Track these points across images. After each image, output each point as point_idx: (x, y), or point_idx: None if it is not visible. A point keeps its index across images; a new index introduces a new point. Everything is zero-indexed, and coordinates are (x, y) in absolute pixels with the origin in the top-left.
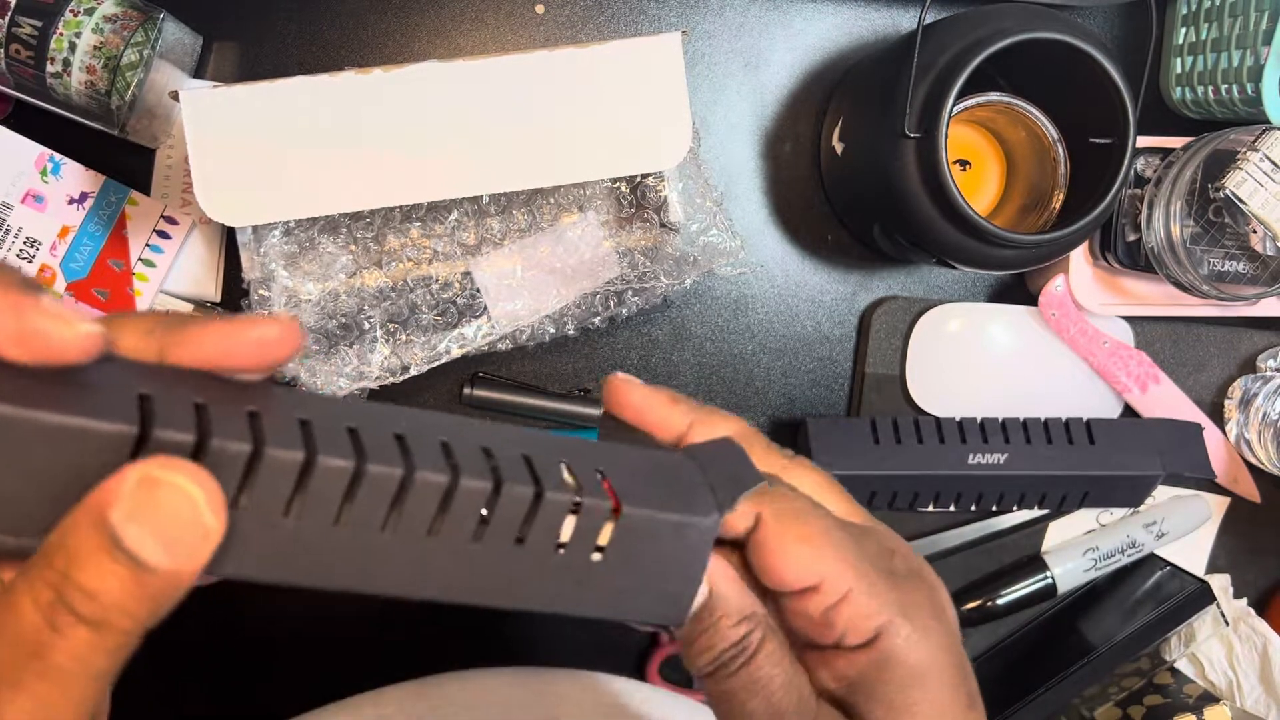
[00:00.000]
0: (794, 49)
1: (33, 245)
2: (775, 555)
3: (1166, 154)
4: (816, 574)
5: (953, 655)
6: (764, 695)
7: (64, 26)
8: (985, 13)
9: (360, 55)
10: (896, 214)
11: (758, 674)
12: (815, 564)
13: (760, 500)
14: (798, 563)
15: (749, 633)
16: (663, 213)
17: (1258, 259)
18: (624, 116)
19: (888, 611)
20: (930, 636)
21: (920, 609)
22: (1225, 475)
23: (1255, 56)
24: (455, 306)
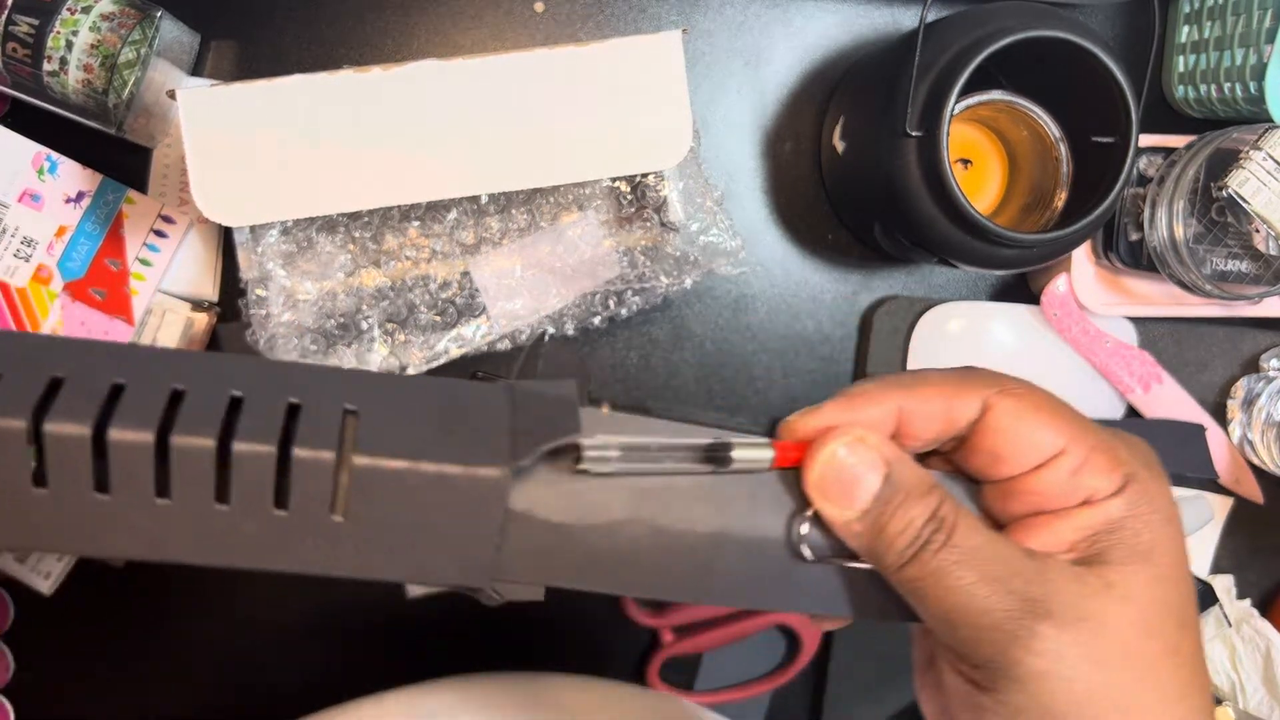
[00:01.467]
0: (794, 47)
1: (29, 244)
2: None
3: (1169, 153)
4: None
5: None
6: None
7: (61, 25)
8: (987, 11)
9: (359, 54)
10: (898, 213)
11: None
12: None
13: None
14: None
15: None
16: (663, 212)
17: (1261, 258)
18: (624, 115)
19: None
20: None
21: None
22: (1228, 476)
23: (1258, 55)
24: (454, 306)
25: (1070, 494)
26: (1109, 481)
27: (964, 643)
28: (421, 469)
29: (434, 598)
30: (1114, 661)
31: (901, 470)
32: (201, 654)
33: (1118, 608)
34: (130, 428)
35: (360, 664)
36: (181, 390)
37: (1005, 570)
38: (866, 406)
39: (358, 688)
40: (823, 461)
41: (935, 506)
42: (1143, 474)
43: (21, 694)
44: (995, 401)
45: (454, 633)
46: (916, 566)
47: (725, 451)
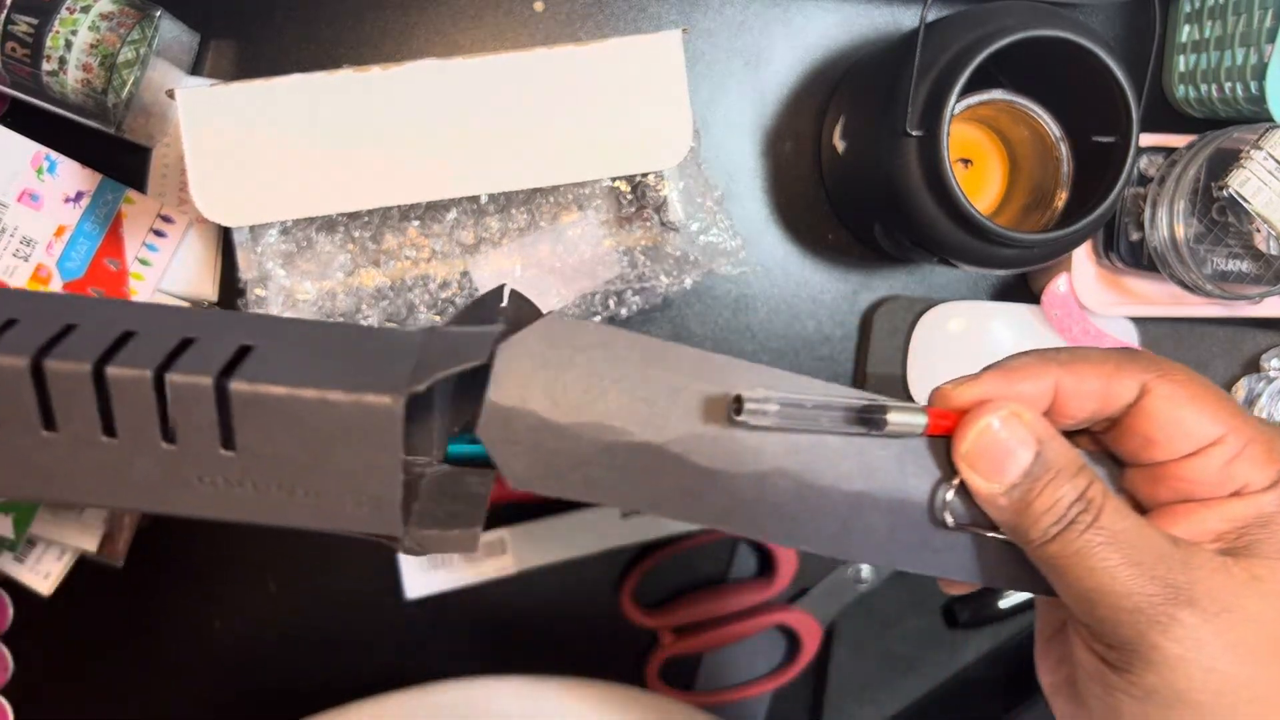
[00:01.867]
0: (795, 47)
1: (28, 244)
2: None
3: (1170, 153)
4: (1216, 431)
5: None
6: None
7: (60, 24)
8: (987, 10)
9: (358, 53)
10: (898, 213)
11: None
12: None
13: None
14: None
15: (1089, 485)
16: (663, 212)
17: (1261, 258)
18: (624, 115)
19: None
20: None
21: None
22: None
23: (1259, 54)
24: (454, 306)
25: (1222, 484)
26: (1264, 475)
27: (1102, 622)
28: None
29: (434, 598)
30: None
31: (1053, 448)
32: (201, 654)
33: (1263, 602)
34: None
35: (360, 666)
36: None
37: (1150, 555)
38: (1024, 380)
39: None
40: (975, 433)
41: (1084, 487)
42: None
43: (20, 694)
44: (1154, 385)
45: (453, 634)
46: (1060, 544)
47: (881, 414)
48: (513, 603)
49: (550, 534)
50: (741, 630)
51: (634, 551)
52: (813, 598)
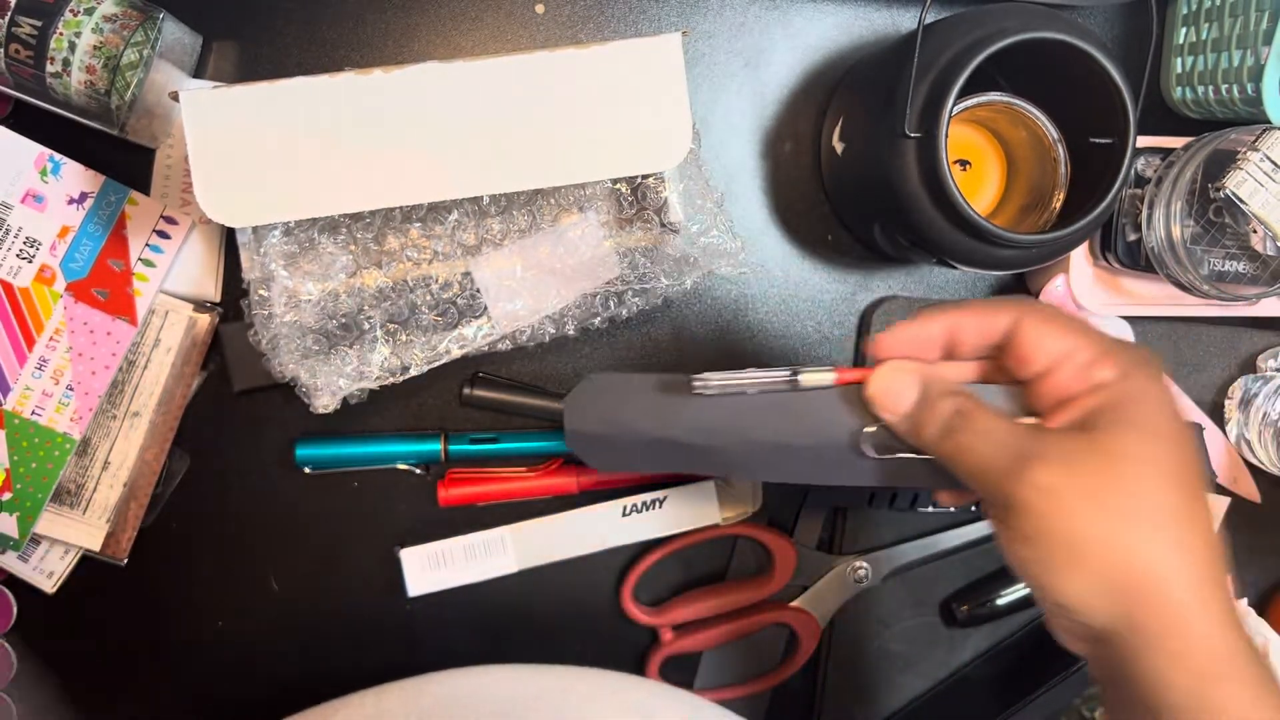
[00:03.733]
0: (794, 49)
1: (32, 245)
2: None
3: (1167, 154)
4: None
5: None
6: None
7: (64, 26)
8: (985, 13)
9: (360, 55)
10: (897, 214)
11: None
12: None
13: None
14: (1056, 339)
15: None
16: (663, 213)
17: (1258, 259)
18: (624, 117)
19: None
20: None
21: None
22: (1225, 475)
23: (1255, 56)
24: (455, 307)
25: (1082, 384)
26: (1110, 374)
27: (984, 490)
28: None
29: (436, 595)
30: (1095, 495)
31: (933, 384)
32: (204, 651)
33: (1099, 458)
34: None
35: (362, 663)
36: None
37: (1009, 437)
38: (928, 324)
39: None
40: (876, 381)
41: (959, 405)
42: (1140, 371)
43: (23, 692)
44: (1022, 318)
45: (455, 632)
46: (948, 443)
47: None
48: (514, 601)
49: (551, 533)
50: (741, 628)
51: (634, 550)
52: (811, 596)
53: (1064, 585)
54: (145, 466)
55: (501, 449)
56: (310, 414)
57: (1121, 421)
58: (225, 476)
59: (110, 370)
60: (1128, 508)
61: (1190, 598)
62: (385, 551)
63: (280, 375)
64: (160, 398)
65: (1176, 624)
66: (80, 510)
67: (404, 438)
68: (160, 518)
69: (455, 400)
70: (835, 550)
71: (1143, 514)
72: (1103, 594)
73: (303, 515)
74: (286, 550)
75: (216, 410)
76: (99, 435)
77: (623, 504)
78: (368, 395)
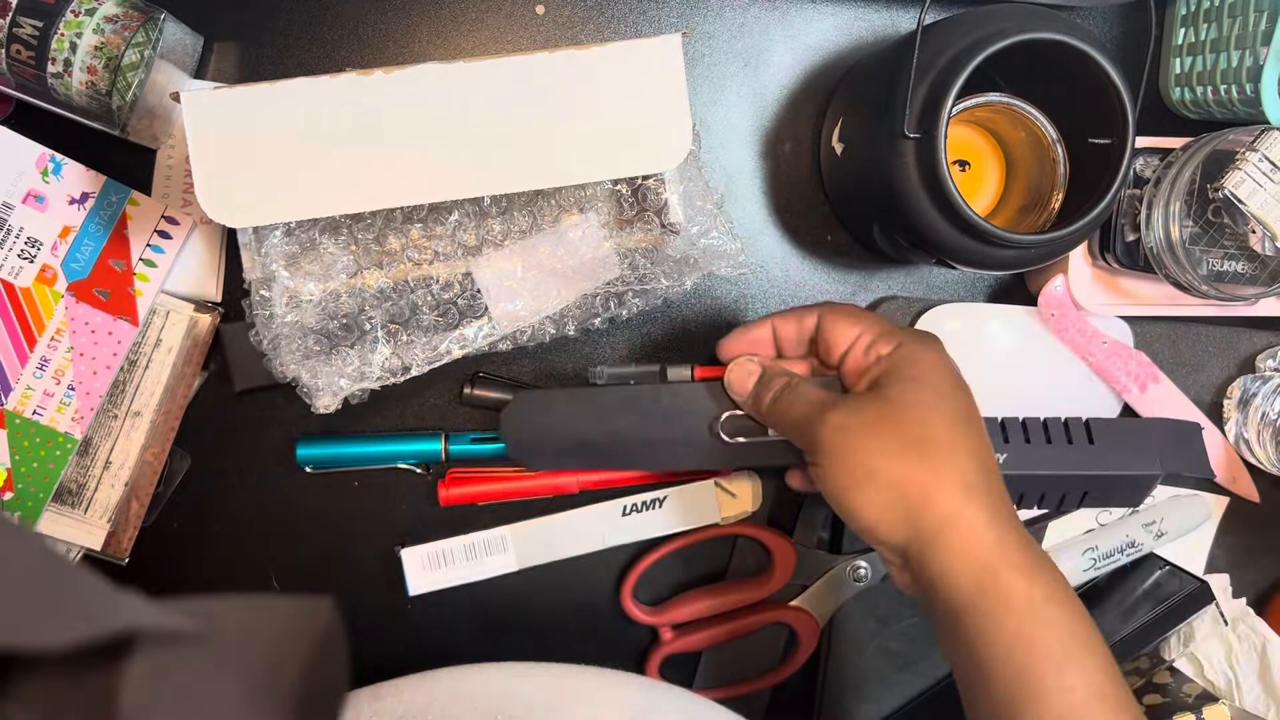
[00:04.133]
0: (794, 50)
1: (34, 245)
2: (830, 330)
3: (1165, 154)
4: (857, 330)
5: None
6: (801, 400)
7: (65, 27)
8: (984, 13)
9: (361, 56)
10: (896, 214)
11: (799, 392)
12: (856, 326)
13: (818, 309)
14: (845, 327)
15: (789, 380)
16: (663, 214)
17: (1256, 259)
18: (624, 118)
19: (903, 338)
20: (932, 345)
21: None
22: (1224, 475)
23: (1254, 57)
24: (456, 307)
25: (869, 359)
26: (888, 347)
27: (800, 438)
28: None
29: (436, 595)
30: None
31: (769, 368)
32: None
33: (880, 404)
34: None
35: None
36: None
37: (818, 397)
38: (756, 328)
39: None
40: (731, 369)
41: (786, 381)
42: (913, 342)
43: None
44: (823, 315)
45: (456, 631)
46: (777, 405)
47: (664, 372)
48: (515, 600)
49: (551, 532)
50: (740, 627)
51: (634, 550)
52: (811, 595)
53: (862, 504)
54: (146, 466)
55: (501, 448)
56: (311, 414)
57: (898, 378)
58: (226, 476)
59: (111, 370)
60: (901, 438)
61: (956, 502)
62: (386, 551)
63: (281, 375)
64: (161, 398)
65: (947, 523)
66: (81, 510)
67: (405, 437)
68: (161, 517)
69: (456, 400)
70: (835, 550)
71: (913, 442)
72: (891, 508)
73: (304, 515)
74: (287, 549)
75: (218, 410)
76: (100, 435)
77: (623, 504)
78: (369, 395)
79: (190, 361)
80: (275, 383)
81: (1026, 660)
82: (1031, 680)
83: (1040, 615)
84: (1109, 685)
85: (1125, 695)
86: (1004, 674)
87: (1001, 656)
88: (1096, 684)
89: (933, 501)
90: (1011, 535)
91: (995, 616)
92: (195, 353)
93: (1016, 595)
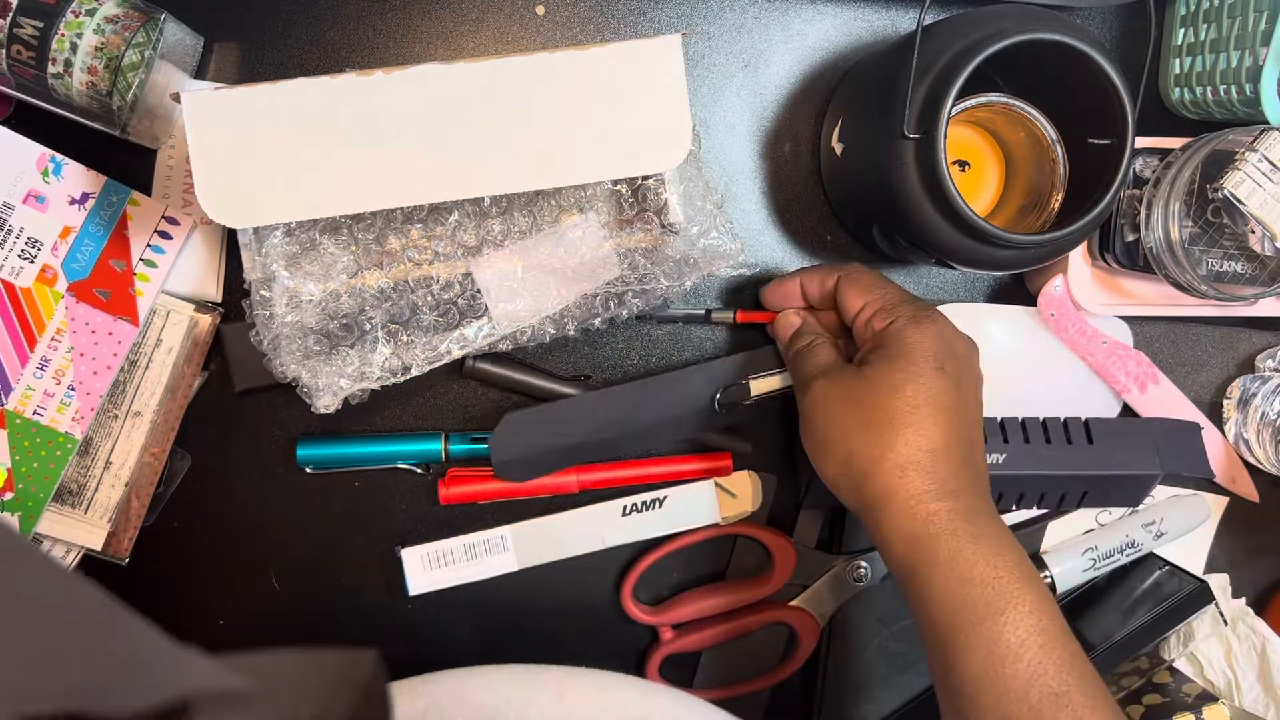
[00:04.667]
0: (793, 50)
1: (34, 245)
2: (844, 295)
3: (1165, 154)
4: (865, 299)
5: (939, 339)
6: (824, 352)
7: (65, 27)
8: (984, 14)
9: (361, 57)
10: (896, 214)
11: (811, 351)
12: (866, 294)
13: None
14: (855, 298)
15: (818, 335)
16: (663, 215)
17: (1256, 259)
18: (624, 118)
19: (899, 314)
20: (923, 326)
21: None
22: (1224, 475)
23: (1254, 57)
24: (456, 307)
25: (867, 331)
26: (881, 323)
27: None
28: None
29: (437, 594)
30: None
31: (806, 325)
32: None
33: (854, 379)
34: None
35: None
36: None
37: (822, 361)
38: (788, 282)
39: None
40: (778, 319)
41: (814, 338)
42: (906, 321)
43: None
44: (840, 278)
45: (456, 631)
46: (794, 360)
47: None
48: (515, 600)
49: (551, 532)
50: (740, 627)
51: (634, 549)
52: (811, 595)
53: (823, 470)
54: (146, 466)
55: None
56: (311, 414)
57: (881, 355)
58: (226, 476)
59: (112, 370)
60: (861, 415)
61: (892, 478)
62: (386, 551)
63: (281, 375)
64: (161, 398)
65: (884, 495)
66: (82, 510)
67: (405, 437)
68: (161, 517)
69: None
70: (834, 550)
71: (869, 421)
72: (843, 475)
73: (304, 515)
74: (288, 549)
75: (218, 410)
76: (100, 435)
77: (623, 504)
78: (368, 395)
79: (190, 361)
80: (275, 383)
81: (958, 616)
82: (957, 635)
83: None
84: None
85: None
86: (936, 634)
87: (937, 617)
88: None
89: (874, 475)
90: (948, 506)
91: (926, 576)
92: (195, 353)
93: (943, 559)
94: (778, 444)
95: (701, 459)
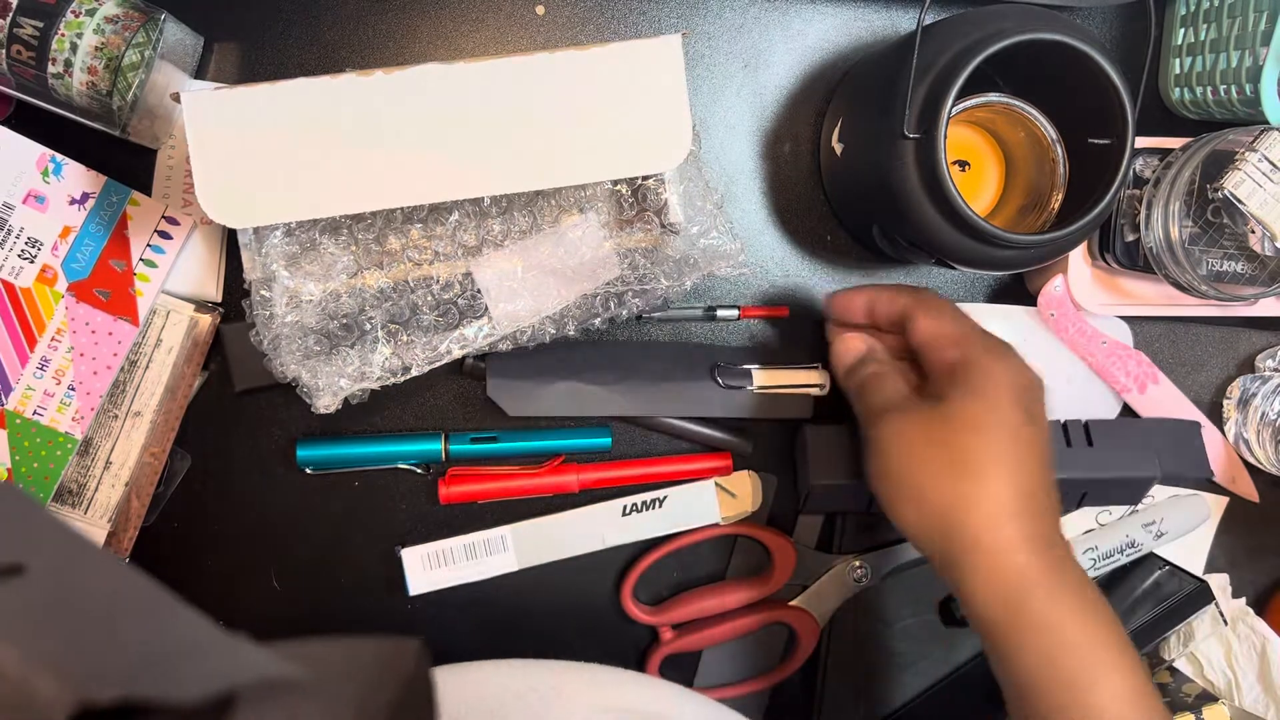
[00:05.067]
0: (793, 50)
1: (34, 245)
2: (914, 323)
3: (1165, 154)
4: (934, 332)
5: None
6: (894, 384)
7: (65, 27)
8: (984, 14)
9: (361, 57)
10: (896, 214)
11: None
12: (938, 320)
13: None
14: (927, 326)
15: (879, 364)
16: (663, 215)
17: (1256, 259)
18: (624, 118)
19: (973, 346)
20: (1000, 359)
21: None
22: (1224, 475)
23: (1254, 57)
24: (456, 307)
25: (939, 363)
26: (955, 355)
27: (864, 428)
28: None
29: (437, 594)
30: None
31: (872, 352)
32: None
33: (934, 419)
34: None
35: None
36: None
37: (891, 395)
38: (857, 295)
39: None
40: (837, 342)
41: (879, 368)
42: (982, 353)
43: None
44: (911, 304)
45: (456, 630)
46: (861, 391)
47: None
48: (515, 599)
49: (551, 532)
50: (740, 627)
51: (634, 549)
52: (811, 595)
53: (901, 513)
54: (147, 466)
55: (502, 448)
56: (311, 414)
57: (961, 390)
58: (226, 476)
59: (112, 370)
60: (946, 456)
61: (981, 529)
62: (386, 550)
63: (281, 375)
64: (161, 398)
65: (973, 548)
66: (82, 510)
67: (405, 437)
68: (161, 517)
69: (455, 397)
70: (834, 550)
71: (954, 462)
72: (925, 524)
73: (304, 515)
74: (288, 550)
75: (218, 410)
76: (100, 435)
77: (623, 503)
78: (369, 395)
79: (190, 361)
80: (275, 383)
81: (1049, 683)
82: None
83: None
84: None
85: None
86: (1030, 696)
87: (1026, 680)
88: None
89: (963, 524)
90: (1042, 560)
91: (1018, 639)
92: (195, 353)
93: (1037, 621)
94: (778, 444)
95: (701, 459)
